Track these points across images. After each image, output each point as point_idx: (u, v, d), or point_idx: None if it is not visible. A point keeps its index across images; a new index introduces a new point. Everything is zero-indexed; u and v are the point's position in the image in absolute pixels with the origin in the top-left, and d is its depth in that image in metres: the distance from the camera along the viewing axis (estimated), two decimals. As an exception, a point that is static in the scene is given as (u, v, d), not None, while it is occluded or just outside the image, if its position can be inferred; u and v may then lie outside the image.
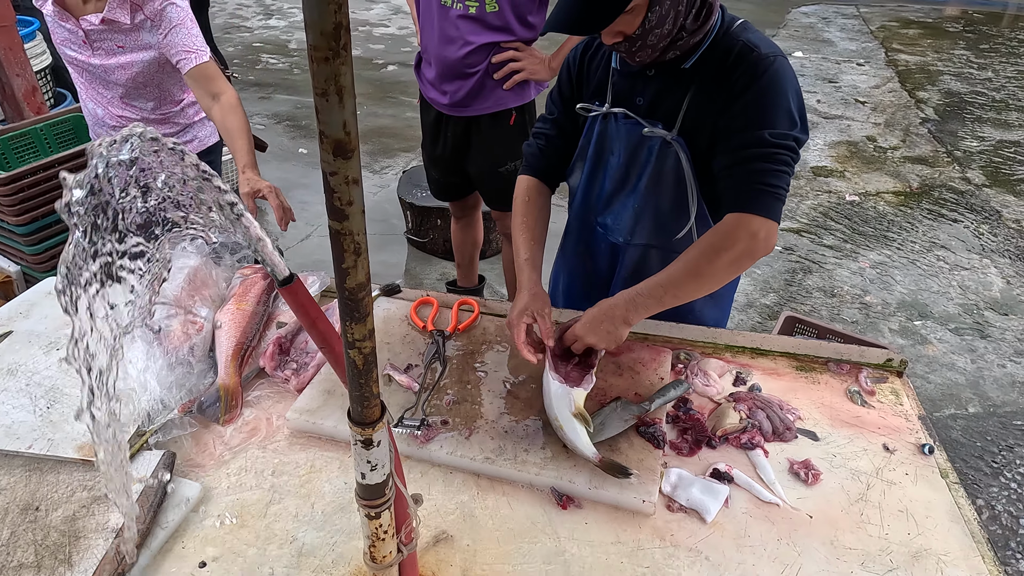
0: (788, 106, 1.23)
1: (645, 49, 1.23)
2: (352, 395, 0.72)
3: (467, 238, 2.92)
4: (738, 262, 1.25)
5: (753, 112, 1.23)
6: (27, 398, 1.25)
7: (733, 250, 1.23)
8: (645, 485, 1.13)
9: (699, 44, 1.27)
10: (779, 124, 1.22)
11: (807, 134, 1.26)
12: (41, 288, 1.60)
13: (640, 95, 1.35)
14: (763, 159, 1.22)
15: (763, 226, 1.22)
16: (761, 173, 1.22)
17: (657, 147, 1.35)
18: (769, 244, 1.25)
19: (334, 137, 0.53)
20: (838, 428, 1.29)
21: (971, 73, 6.85)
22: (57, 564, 0.99)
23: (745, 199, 1.24)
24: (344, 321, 0.65)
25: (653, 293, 1.27)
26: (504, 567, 1.03)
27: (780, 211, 1.25)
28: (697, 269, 1.25)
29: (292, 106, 5.66)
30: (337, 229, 0.59)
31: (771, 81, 1.22)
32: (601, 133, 1.43)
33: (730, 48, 1.25)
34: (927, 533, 1.10)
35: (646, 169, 1.39)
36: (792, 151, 1.23)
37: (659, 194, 1.40)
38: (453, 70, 2.24)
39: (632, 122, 1.36)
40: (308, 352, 1.41)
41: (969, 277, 3.61)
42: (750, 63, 1.23)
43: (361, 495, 0.82)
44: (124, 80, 2.04)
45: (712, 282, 1.28)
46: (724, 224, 1.25)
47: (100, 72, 2.03)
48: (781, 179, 1.23)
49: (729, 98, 1.25)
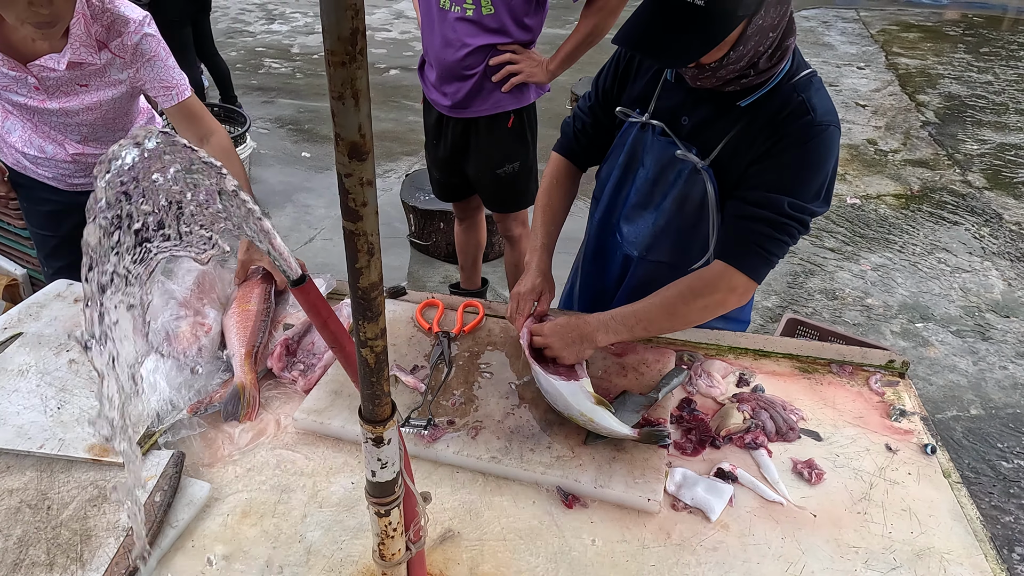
0: (820, 179, 1.24)
1: (712, 78, 1.20)
2: (364, 393, 0.73)
3: (470, 240, 2.94)
4: (711, 309, 1.32)
5: (783, 176, 1.23)
6: (38, 399, 1.26)
7: (709, 298, 1.29)
8: (650, 484, 1.14)
9: (762, 85, 1.24)
10: (803, 195, 1.23)
11: (828, 205, 1.28)
12: (50, 290, 1.61)
13: (687, 115, 1.32)
14: (770, 224, 1.24)
15: (743, 284, 1.28)
16: (763, 237, 1.25)
17: (688, 171, 1.33)
18: (743, 300, 1.32)
19: (349, 140, 0.55)
20: (841, 428, 1.30)
21: (971, 76, 6.86)
22: (69, 562, 1.00)
23: (738, 254, 1.28)
24: (357, 320, 0.67)
25: (625, 321, 1.32)
26: (511, 565, 1.04)
27: (765, 273, 1.30)
28: (672, 307, 1.31)
29: (295, 110, 5.68)
30: (351, 230, 0.60)
31: (814, 150, 1.21)
32: (635, 141, 1.41)
33: (787, 101, 1.23)
34: (930, 532, 1.11)
35: (672, 190, 1.38)
36: (803, 224, 1.25)
37: (682, 217, 1.39)
38: (452, 72, 2.26)
39: (668, 140, 1.34)
40: (315, 353, 1.42)
41: (970, 279, 3.62)
42: (801, 126, 1.21)
43: (371, 493, 0.83)
44: (91, 121, 1.73)
45: (683, 322, 1.35)
46: (709, 271, 1.31)
47: (58, 116, 1.70)
48: (779, 248, 1.27)
49: (768, 151, 1.24)
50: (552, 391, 1.24)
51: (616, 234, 1.55)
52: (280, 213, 4.07)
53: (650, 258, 1.49)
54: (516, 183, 2.50)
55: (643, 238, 1.48)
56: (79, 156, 1.82)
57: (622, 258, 1.55)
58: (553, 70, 2.27)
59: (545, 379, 1.24)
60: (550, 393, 1.25)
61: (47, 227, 2.01)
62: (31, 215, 2.03)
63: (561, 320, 1.35)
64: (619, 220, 1.53)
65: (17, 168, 1.90)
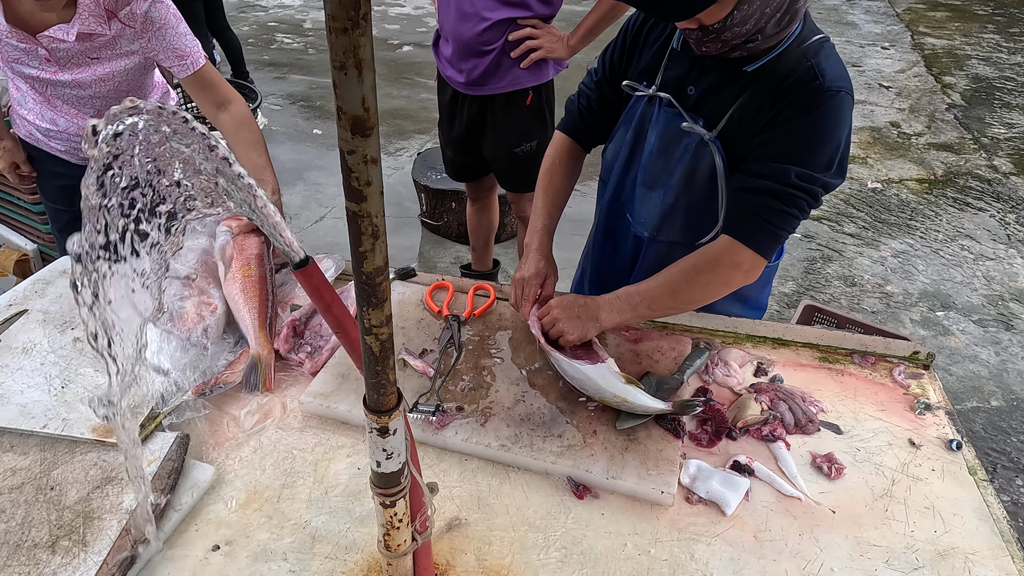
0: (830, 148, 1.17)
1: (716, 42, 1.15)
2: (368, 382, 0.70)
3: (482, 221, 2.89)
4: (714, 287, 1.27)
5: (792, 144, 1.18)
6: (42, 377, 1.25)
7: (712, 274, 1.25)
8: (664, 476, 1.10)
9: (769, 50, 1.19)
10: (812, 164, 1.17)
11: (842, 178, 1.22)
12: (55, 267, 1.59)
13: (693, 84, 1.28)
14: (777, 197, 1.19)
15: (749, 259, 1.23)
16: (768, 210, 1.20)
17: (694, 144, 1.29)
18: (750, 277, 1.25)
19: (352, 113, 0.51)
20: (862, 421, 1.26)
21: (1000, 58, 6.66)
22: (71, 544, 0.98)
23: (743, 228, 1.22)
24: (361, 306, 0.63)
25: (629, 300, 1.29)
26: (519, 557, 1.01)
27: (774, 249, 1.24)
28: (675, 286, 1.27)
29: (307, 86, 5.63)
30: (354, 211, 0.56)
31: (822, 117, 1.16)
32: (642, 116, 1.37)
33: (796, 66, 1.17)
34: (954, 531, 1.07)
35: (679, 165, 1.33)
36: (812, 196, 1.19)
37: (690, 193, 1.34)
38: (469, 48, 2.20)
39: (674, 112, 1.30)
40: (322, 335, 1.39)
41: (994, 268, 3.52)
42: (808, 92, 1.16)
43: (376, 483, 0.80)
44: (104, 93, 1.71)
45: (687, 301, 1.30)
46: (714, 246, 1.26)
47: (70, 88, 1.69)
48: (788, 222, 1.21)
49: (776, 120, 1.18)
50: (579, 376, 1.20)
51: (626, 214, 1.50)
52: (291, 191, 4.04)
53: (661, 238, 1.44)
54: (534, 162, 2.44)
55: (652, 218, 1.43)
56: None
57: (633, 239, 1.51)
58: (574, 45, 2.20)
59: (569, 365, 1.21)
60: (576, 379, 1.22)
61: (60, 201, 2.01)
62: (45, 189, 2.02)
63: (568, 296, 1.32)
64: (628, 200, 1.49)
65: (30, 141, 1.89)
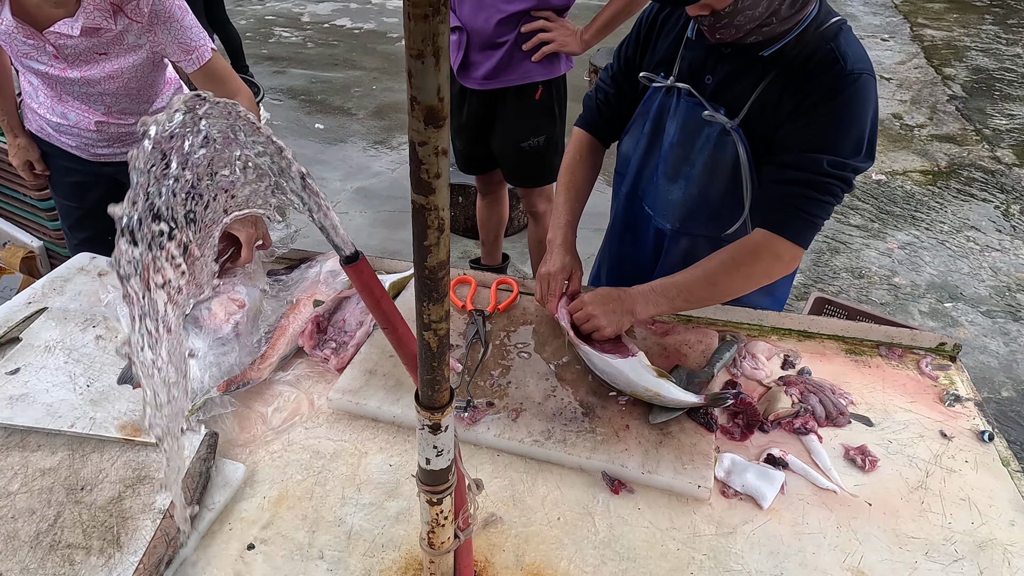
0: (858, 132, 1.17)
1: (730, 28, 1.14)
2: (423, 379, 0.69)
3: (492, 215, 2.88)
4: (755, 279, 1.27)
5: (819, 132, 1.17)
6: (66, 376, 1.23)
7: (753, 267, 1.24)
8: (699, 470, 1.10)
9: (785, 33, 1.17)
10: (842, 150, 1.17)
11: (872, 160, 1.21)
12: (73, 264, 1.57)
13: (710, 73, 1.27)
14: (812, 186, 1.18)
15: (789, 251, 1.22)
16: (805, 200, 1.19)
17: (716, 134, 1.28)
18: (791, 267, 1.26)
19: (427, 103, 0.49)
20: (892, 413, 1.26)
21: (999, 49, 6.66)
22: (106, 545, 0.97)
23: (781, 220, 1.22)
24: (421, 302, 0.62)
25: (666, 292, 1.28)
26: (557, 553, 1.01)
27: (811, 238, 1.24)
28: (714, 278, 1.26)
29: (307, 80, 5.58)
30: (422, 204, 0.55)
31: (847, 102, 1.14)
32: (660, 108, 1.36)
33: (816, 50, 1.16)
34: (991, 523, 1.06)
35: (701, 155, 1.32)
36: (845, 182, 1.19)
37: (713, 184, 1.33)
38: (484, 40, 2.18)
39: (694, 102, 1.29)
40: (346, 331, 1.38)
41: (1000, 259, 3.53)
42: (832, 76, 1.14)
43: (424, 481, 0.79)
44: (113, 90, 1.68)
45: (726, 293, 1.29)
46: (751, 239, 1.25)
47: (80, 86, 1.66)
48: (823, 209, 1.20)
49: (800, 107, 1.17)
50: (611, 371, 1.20)
51: (645, 208, 1.49)
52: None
53: (685, 231, 1.43)
54: (542, 157, 2.43)
55: (675, 210, 1.42)
56: (103, 125, 1.78)
57: (655, 232, 1.50)
58: (587, 40, 2.18)
59: (599, 359, 1.20)
60: (607, 373, 1.21)
61: (72, 198, 1.98)
62: (56, 185, 1.99)
63: (601, 290, 1.31)
64: (647, 193, 1.47)
65: (41, 135, 1.87)
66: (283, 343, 1.32)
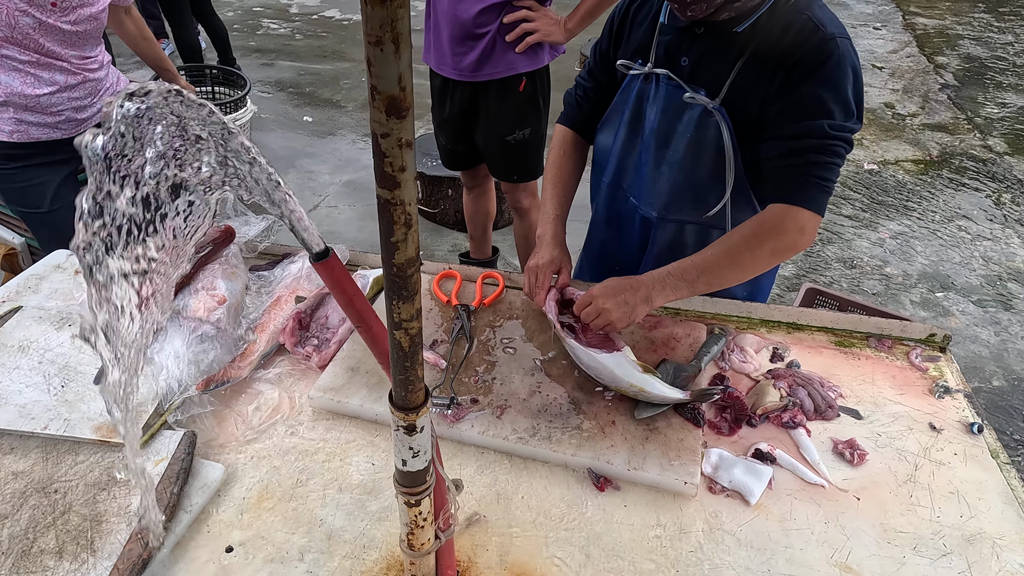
0: (847, 96, 1.16)
1: (701, 2, 1.14)
2: (395, 379, 0.67)
3: (479, 209, 2.85)
4: (780, 254, 1.24)
5: (815, 100, 1.16)
6: (40, 376, 1.20)
7: (778, 241, 1.21)
8: (686, 466, 1.08)
9: (757, 7, 1.17)
10: (838, 114, 1.16)
11: (861, 122, 1.21)
12: (49, 261, 1.54)
13: (685, 55, 1.26)
14: (819, 151, 1.17)
15: (810, 220, 1.20)
16: (815, 165, 1.18)
17: (697, 116, 1.26)
18: (812, 237, 1.23)
19: (388, 93, 0.47)
20: (882, 406, 1.25)
21: (991, 37, 6.65)
22: (79, 549, 0.95)
23: (797, 191, 1.20)
24: (391, 300, 0.60)
25: (686, 275, 1.23)
26: (542, 552, 0.99)
27: (826, 203, 1.22)
28: (737, 257, 1.22)
29: (295, 73, 5.52)
30: (387, 198, 0.53)
31: (835, 67, 1.14)
32: (639, 95, 1.35)
33: (792, 20, 1.16)
34: (980, 516, 1.05)
35: (684, 139, 1.31)
36: (847, 143, 1.18)
37: (698, 167, 1.31)
38: (464, 30, 2.14)
39: (673, 85, 1.28)
40: (329, 327, 1.35)
41: (991, 248, 3.53)
42: (814, 45, 1.14)
43: (401, 482, 0.77)
44: (93, 31, 1.89)
45: (750, 271, 1.26)
46: (770, 213, 1.22)
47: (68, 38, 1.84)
48: (833, 172, 1.19)
49: (788, 80, 1.17)
50: (595, 365, 1.18)
51: (631, 198, 1.47)
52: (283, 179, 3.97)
53: (671, 217, 1.42)
54: (526, 151, 2.40)
55: (661, 197, 1.40)
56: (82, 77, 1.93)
57: (640, 221, 1.48)
58: (571, 28, 2.15)
59: (584, 354, 1.18)
60: (592, 368, 1.19)
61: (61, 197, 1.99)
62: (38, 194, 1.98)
63: (610, 281, 1.25)
64: (631, 182, 1.46)
65: (22, 139, 1.90)
66: (264, 340, 1.30)
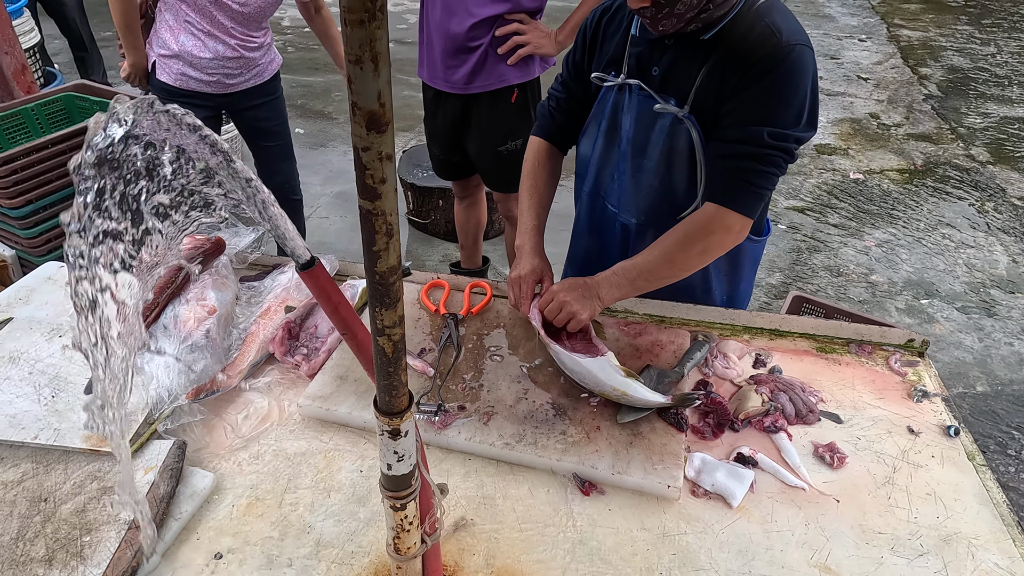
0: (798, 102, 1.20)
1: (671, 18, 1.18)
2: (380, 384, 0.68)
3: (470, 219, 2.87)
4: (710, 252, 1.31)
5: (760, 105, 1.20)
6: (31, 387, 1.21)
7: (706, 241, 1.28)
8: (669, 470, 1.10)
9: (722, 17, 1.22)
10: (783, 121, 1.20)
11: (814, 129, 1.25)
12: (40, 273, 1.55)
13: (656, 65, 1.30)
14: (754, 159, 1.22)
15: (738, 221, 1.26)
16: (748, 172, 1.23)
17: (668, 124, 1.31)
18: (741, 237, 1.30)
19: (368, 109, 0.49)
20: (861, 410, 1.27)
21: (974, 49, 6.76)
22: (69, 558, 0.96)
23: (727, 193, 1.26)
24: (374, 307, 0.62)
25: (626, 275, 1.32)
26: (528, 556, 1.01)
27: (758, 208, 1.28)
28: (671, 257, 1.30)
29: (287, 85, 5.51)
30: (368, 209, 0.55)
31: (787, 73, 1.18)
32: (615, 106, 1.39)
33: (752, 27, 1.20)
34: (956, 516, 1.08)
35: (657, 147, 1.35)
36: (787, 152, 1.23)
37: (672, 172, 1.36)
38: (457, 44, 2.18)
39: (645, 95, 1.32)
40: (318, 336, 1.37)
41: (975, 255, 3.58)
42: (769, 49, 1.18)
43: (386, 486, 0.79)
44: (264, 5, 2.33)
45: (684, 269, 1.33)
46: (702, 214, 1.29)
47: (235, 16, 2.29)
48: (767, 180, 1.24)
49: (742, 82, 1.21)
50: (579, 370, 1.20)
51: (609, 206, 1.51)
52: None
53: (650, 223, 1.45)
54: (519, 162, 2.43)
55: (637, 204, 1.44)
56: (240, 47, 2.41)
57: (621, 228, 1.52)
58: (562, 41, 2.19)
59: (569, 358, 1.21)
60: (576, 372, 1.21)
61: None
62: None
63: (566, 280, 1.34)
64: (610, 191, 1.49)
65: (178, 84, 2.41)
66: (254, 349, 1.31)
